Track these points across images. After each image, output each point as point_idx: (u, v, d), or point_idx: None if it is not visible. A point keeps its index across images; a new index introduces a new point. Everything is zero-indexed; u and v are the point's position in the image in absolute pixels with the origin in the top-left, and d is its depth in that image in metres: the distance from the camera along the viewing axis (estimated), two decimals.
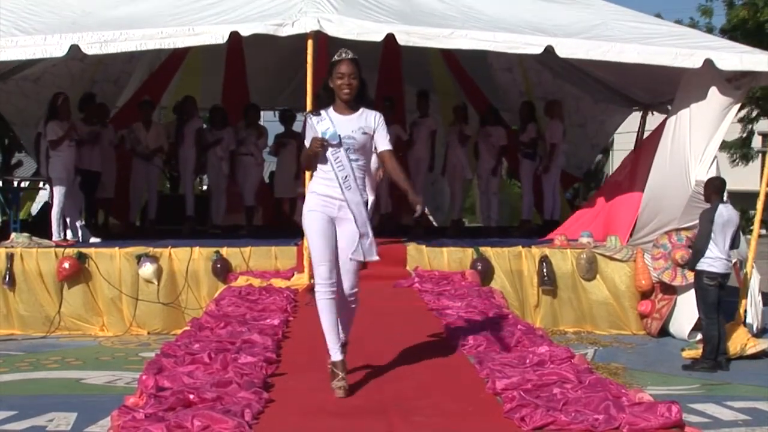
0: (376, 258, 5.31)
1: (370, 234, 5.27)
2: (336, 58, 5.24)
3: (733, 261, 8.27)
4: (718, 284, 7.66)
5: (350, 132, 5.21)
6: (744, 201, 7.85)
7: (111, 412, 4.81)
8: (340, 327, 5.28)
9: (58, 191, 10.36)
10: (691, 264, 7.84)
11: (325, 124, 5.22)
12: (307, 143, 5.30)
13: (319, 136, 5.16)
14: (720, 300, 7.69)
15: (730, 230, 7.70)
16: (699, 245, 7.67)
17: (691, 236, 8.85)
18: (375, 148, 5.37)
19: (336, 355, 5.13)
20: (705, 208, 7.79)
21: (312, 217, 5.25)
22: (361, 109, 5.30)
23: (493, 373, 5.50)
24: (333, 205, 5.22)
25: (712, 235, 7.61)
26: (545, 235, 10.97)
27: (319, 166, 5.28)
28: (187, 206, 12.54)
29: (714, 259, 7.61)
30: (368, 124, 5.28)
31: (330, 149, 5.18)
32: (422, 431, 4.47)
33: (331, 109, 5.28)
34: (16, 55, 9.11)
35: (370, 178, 5.34)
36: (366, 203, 5.29)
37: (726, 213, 7.68)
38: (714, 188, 7.85)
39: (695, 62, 8.85)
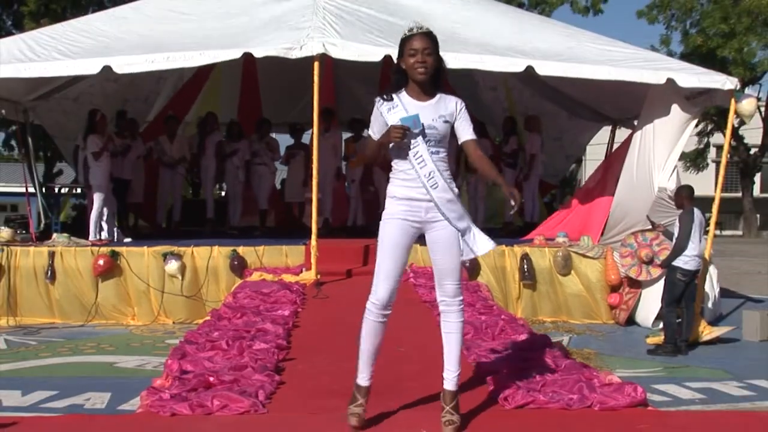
0: (491, 246, 4.22)
1: (473, 226, 4.21)
2: (407, 33, 4.09)
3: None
4: (689, 280, 7.64)
5: (430, 121, 4.06)
6: (696, 205, 7.82)
7: (140, 393, 4.82)
8: (446, 358, 4.19)
9: (98, 197, 10.38)
10: (669, 260, 7.74)
11: (398, 112, 4.07)
12: (372, 133, 4.20)
13: (392, 124, 4.03)
14: (684, 293, 7.66)
15: (701, 231, 7.69)
16: (682, 244, 7.57)
17: (656, 237, 8.86)
18: (457, 137, 4.21)
19: (363, 380, 4.22)
20: (681, 212, 7.74)
21: (390, 226, 4.11)
22: (439, 95, 4.15)
23: (480, 358, 5.50)
24: (419, 208, 4.10)
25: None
26: (526, 235, 10.97)
27: (396, 165, 4.13)
28: (208, 210, 12.57)
29: (690, 258, 7.58)
30: (449, 111, 4.13)
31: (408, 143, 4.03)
32: (417, 409, 4.47)
33: (404, 93, 4.13)
34: (57, 72, 9.13)
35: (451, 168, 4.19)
36: (458, 196, 4.16)
37: (699, 215, 7.68)
38: (686, 195, 7.81)
39: (659, 80, 8.86)
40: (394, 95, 4.12)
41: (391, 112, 4.08)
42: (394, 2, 10.01)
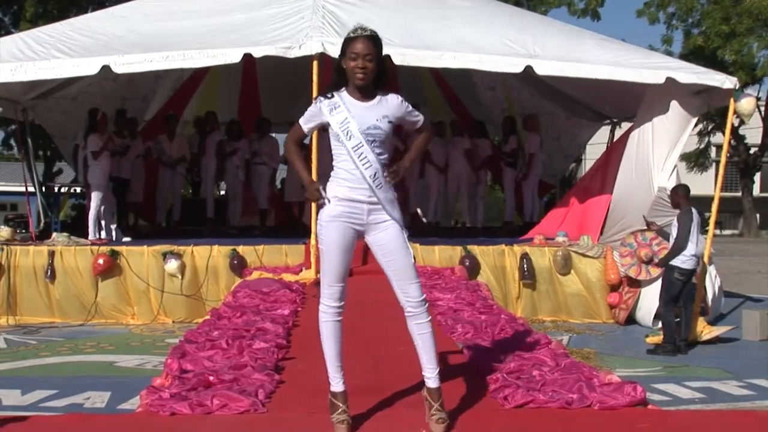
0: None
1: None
2: (351, 34, 4.01)
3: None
4: (686, 279, 7.64)
5: (375, 121, 4.00)
6: (698, 204, 7.85)
7: (140, 392, 4.82)
8: (425, 358, 4.12)
9: (96, 196, 10.39)
10: (667, 259, 7.72)
11: (341, 114, 4.00)
12: (303, 125, 4.16)
13: (335, 126, 4.00)
14: (682, 292, 7.66)
15: (698, 230, 7.69)
16: (681, 243, 7.55)
17: (655, 237, 8.85)
18: (411, 130, 4.25)
19: (338, 386, 4.12)
20: (679, 212, 7.74)
21: (332, 228, 4.03)
22: (379, 95, 4.08)
23: (479, 357, 5.49)
24: (361, 210, 4.03)
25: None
26: (525, 234, 10.97)
27: (338, 165, 4.05)
28: (208, 209, 12.58)
29: (688, 257, 7.58)
30: (391, 110, 4.07)
31: (351, 144, 3.97)
32: (416, 409, 4.46)
33: (345, 93, 4.06)
34: (56, 74, 9.14)
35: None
36: (396, 200, 4.11)
37: (696, 215, 7.68)
38: (683, 194, 7.81)
39: (658, 80, 8.85)
40: (335, 94, 4.06)
41: (333, 112, 4.02)
42: (393, 1, 10.01)
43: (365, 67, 3.96)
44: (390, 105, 4.09)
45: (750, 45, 28.04)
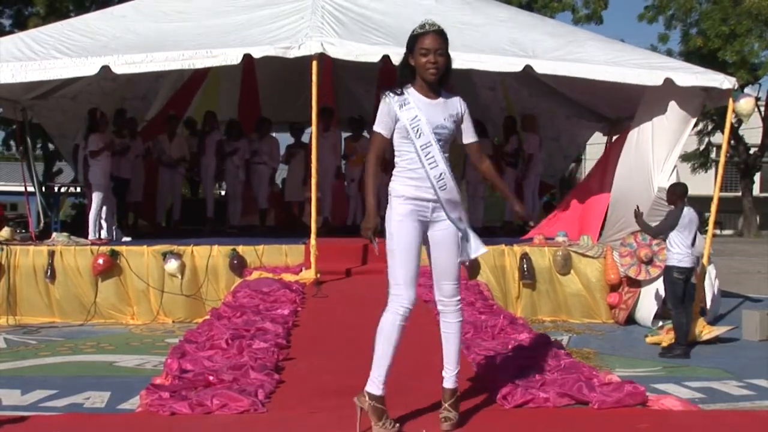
0: (484, 250, 4.17)
1: (469, 229, 4.15)
2: (419, 30, 4.02)
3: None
4: (686, 278, 7.65)
5: (442, 120, 4.00)
6: (699, 204, 7.89)
7: (140, 392, 4.82)
8: (445, 357, 4.19)
9: (96, 196, 10.40)
10: (645, 230, 8.10)
11: (411, 110, 3.97)
12: (379, 129, 4.05)
13: (405, 122, 3.96)
14: (685, 292, 7.67)
15: (693, 229, 7.70)
16: (661, 229, 7.76)
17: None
18: (460, 138, 4.18)
19: (378, 389, 4.04)
20: (671, 209, 7.77)
21: (402, 228, 4.01)
22: (443, 93, 4.11)
23: (479, 357, 5.50)
24: (426, 208, 4.04)
25: (679, 233, 7.56)
26: (525, 234, 10.97)
27: (403, 164, 4.04)
28: (208, 209, 12.60)
29: (684, 255, 7.58)
30: (455, 111, 4.08)
31: (420, 142, 3.95)
32: (417, 409, 4.47)
33: (412, 90, 4.04)
34: (56, 75, 9.13)
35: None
36: (460, 203, 4.15)
37: (689, 214, 7.68)
38: (679, 193, 7.83)
39: (656, 80, 8.85)
40: (404, 90, 4.04)
41: (403, 108, 3.99)
42: (392, 2, 10.01)
43: (436, 62, 3.97)
44: (454, 105, 4.11)
45: (752, 45, 28.03)
